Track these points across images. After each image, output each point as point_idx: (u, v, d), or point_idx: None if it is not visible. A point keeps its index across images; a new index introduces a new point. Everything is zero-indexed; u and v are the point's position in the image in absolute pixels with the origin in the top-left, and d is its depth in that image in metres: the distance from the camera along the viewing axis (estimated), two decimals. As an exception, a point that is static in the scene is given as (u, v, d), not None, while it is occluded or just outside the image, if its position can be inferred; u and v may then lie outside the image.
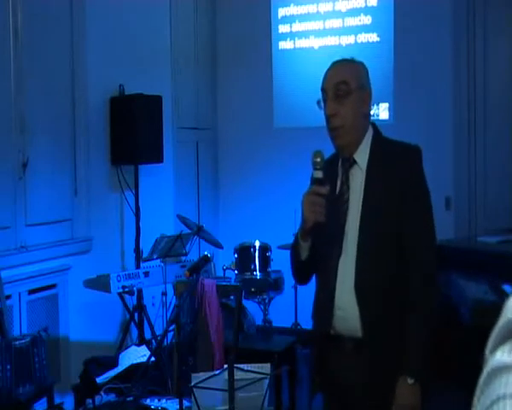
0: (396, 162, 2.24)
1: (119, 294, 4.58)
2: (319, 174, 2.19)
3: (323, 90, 2.30)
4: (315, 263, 2.32)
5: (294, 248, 2.35)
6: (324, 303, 2.28)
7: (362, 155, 2.28)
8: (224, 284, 4.32)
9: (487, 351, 0.70)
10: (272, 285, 4.95)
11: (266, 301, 4.97)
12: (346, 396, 2.28)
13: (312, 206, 2.17)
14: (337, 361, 2.27)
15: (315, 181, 2.20)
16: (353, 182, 2.28)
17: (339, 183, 2.31)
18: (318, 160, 2.18)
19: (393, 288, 2.19)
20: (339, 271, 2.24)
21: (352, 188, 2.28)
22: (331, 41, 6.16)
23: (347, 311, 2.21)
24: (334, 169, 2.32)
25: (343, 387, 2.27)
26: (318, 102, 2.31)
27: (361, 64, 2.35)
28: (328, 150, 2.34)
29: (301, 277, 2.47)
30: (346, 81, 2.25)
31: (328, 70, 2.33)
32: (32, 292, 4.39)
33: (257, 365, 2.58)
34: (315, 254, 2.30)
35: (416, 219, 2.21)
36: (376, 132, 2.34)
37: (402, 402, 2.14)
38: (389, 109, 5.94)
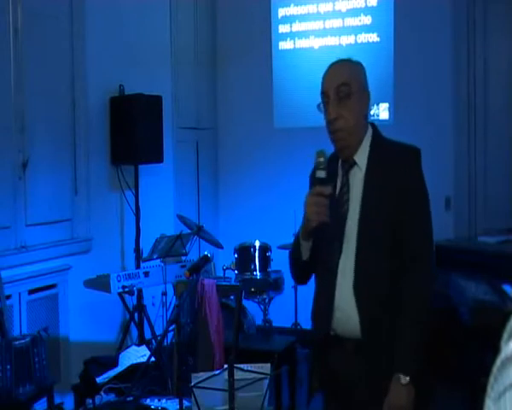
0: (394, 163, 2.22)
1: (119, 294, 4.58)
2: (322, 174, 2.16)
3: (324, 93, 2.25)
4: (315, 263, 2.31)
5: (295, 249, 2.33)
6: (324, 304, 2.27)
7: (362, 156, 2.26)
8: (224, 284, 4.32)
9: (502, 341, 0.72)
10: (272, 285, 4.95)
11: (266, 301, 4.97)
12: (346, 396, 2.27)
13: (316, 206, 2.15)
14: (337, 362, 2.26)
15: (318, 181, 2.17)
16: (353, 183, 2.26)
17: (339, 183, 2.29)
18: (322, 160, 2.16)
19: (392, 289, 2.18)
20: (339, 272, 2.22)
21: (351, 189, 2.26)
22: (331, 41, 6.16)
23: (347, 312, 2.20)
24: (333, 169, 2.30)
25: (343, 387, 2.26)
26: (318, 106, 2.27)
27: (360, 65, 2.32)
28: (329, 151, 2.33)
29: (301, 277, 2.46)
30: (347, 83, 2.21)
31: (328, 72, 2.29)
32: (32, 292, 4.38)
33: (257, 365, 2.58)
34: (315, 255, 2.28)
35: (413, 219, 2.19)
36: (376, 133, 2.31)
37: (393, 402, 2.13)
38: (389, 109, 5.94)
